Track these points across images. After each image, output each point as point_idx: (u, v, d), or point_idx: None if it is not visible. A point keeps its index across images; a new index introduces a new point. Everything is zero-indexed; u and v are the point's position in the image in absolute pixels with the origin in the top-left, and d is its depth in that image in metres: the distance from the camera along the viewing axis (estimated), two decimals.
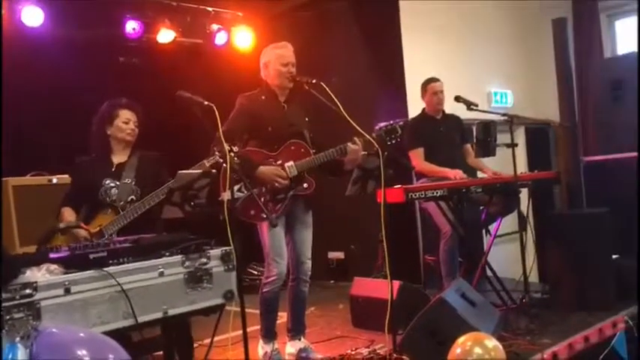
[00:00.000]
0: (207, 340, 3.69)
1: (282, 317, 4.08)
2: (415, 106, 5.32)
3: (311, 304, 4.10)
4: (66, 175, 4.70)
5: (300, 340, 3.95)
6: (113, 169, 3.52)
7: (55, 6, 5.41)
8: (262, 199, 3.53)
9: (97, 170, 3.49)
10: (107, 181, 3.42)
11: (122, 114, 3.56)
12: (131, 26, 5.97)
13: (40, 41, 5.40)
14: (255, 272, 5.96)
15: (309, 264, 3.89)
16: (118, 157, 3.58)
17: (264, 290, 3.78)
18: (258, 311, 3.82)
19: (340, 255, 6.70)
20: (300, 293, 3.90)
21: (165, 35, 6.23)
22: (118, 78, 5.87)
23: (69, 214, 3.42)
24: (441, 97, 4.99)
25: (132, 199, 3.39)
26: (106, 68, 5.92)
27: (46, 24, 5.38)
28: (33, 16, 5.31)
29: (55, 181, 4.62)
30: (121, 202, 3.37)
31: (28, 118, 5.35)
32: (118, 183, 3.43)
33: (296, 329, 3.95)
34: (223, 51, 6.69)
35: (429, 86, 5.01)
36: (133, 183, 3.44)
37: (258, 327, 3.87)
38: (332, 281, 6.61)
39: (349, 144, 3.58)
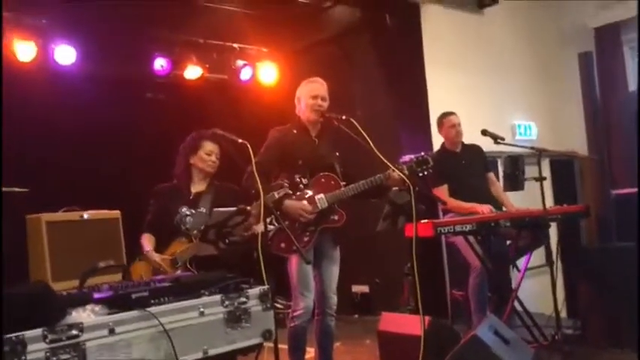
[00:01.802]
0: None
1: (310, 352, 4.06)
2: (439, 139, 5.33)
3: (336, 339, 4.07)
4: (98, 211, 4.77)
5: None
6: (191, 197, 3.65)
7: (86, 45, 5.57)
8: (293, 231, 3.55)
9: (175, 197, 3.62)
10: (183, 209, 3.52)
11: (206, 145, 3.70)
12: (159, 63, 6.11)
13: (71, 79, 5.55)
14: (280, 306, 5.94)
15: (335, 298, 3.89)
16: (197, 187, 3.72)
17: (291, 325, 3.78)
18: (285, 346, 3.81)
19: (365, 289, 6.66)
20: (326, 328, 3.89)
21: (193, 72, 6.37)
22: (145, 114, 6.00)
23: (147, 240, 3.56)
24: (459, 129, 4.98)
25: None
26: (135, 104, 6.05)
27: (78, 62, 5.53)
28: (66, 55, 5.46)
29: (86, 216, 4.64)
30: (195, 231, 3.43)
31: (59, 154, 5.45)
32: (193, 212, 3.52)
33: None
34: (248, 86, 6.81)
35: (446, 120, 5.00)
36: (208, 212, 3.51)
37: None
38: (356, 315, 6.56)
39: (390, 171, 3.59)
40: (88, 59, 5.59)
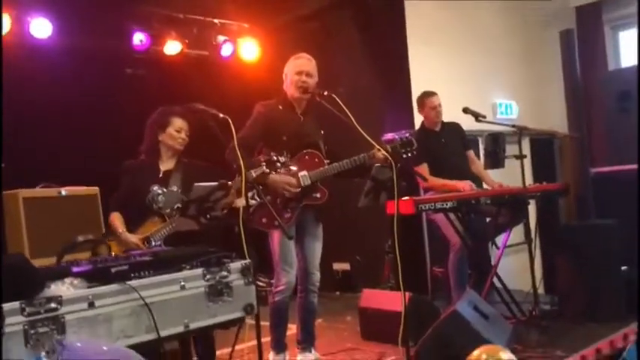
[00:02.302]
0: (219, 352, 3.73)
1: (292, 329, 4.07)
2: (421, 118, 5.33)
3: (318, 315, 4.10)
4: (75, 187, 4.70)
5: (310, 352, 3.95)
6: (160, 176, 3.55)
7: (63, 18, 5.44)
8: (275, 207, 3.54)
9: (145, 175, 3.52)
10: (155, 188, 3.42)
11: (175, 122, 3.60)
12: (138, 38, 6.01)
13: (47, 53, 5.42)
14: (262, 283, 5.94)
15: (317, 275, 3.92)
16: (166, 164, 3.63)
17: (273, 300, 3.79)
18: (267, 323, 3.82)
19: (346, 266, 6.69)
20: (309, 304, 3.91)
21: (172, 47, 6.27)
22: (124, 89, 5.90)
23: (119, 221, 3.46)
24: (439, 110, 4.98)
25: (178, 206, 3.40)
26: (113, 80, 5.94)
27: (54, 36, 5.40)
28: (41, 28, 5.33)
29: (64, 193, 4.58)
30: (168, 210, 3.38)
31: (35, 129, 5.35)
32: (164, 190, 3.44)
33: (306, 341, 3.96)
34: (229, 62, 6.73)
35: (427, 100, 4.99)
36: (180, 191, 3.45)
37: (269, 339, 3.86)
38: (337, 292, 6.60)
39: (374, 151, 3.58)
40: (64, 33, 5.46)
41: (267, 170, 3.33)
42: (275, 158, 3.32)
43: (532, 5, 7.36)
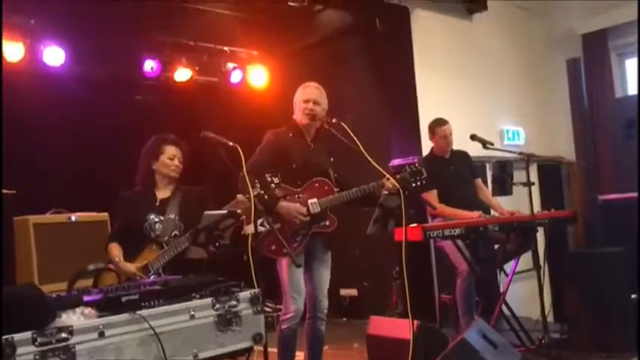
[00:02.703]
0: None
1: (299, 356, 4.05)
2: (428, 143, 5.35)
3: (325, 342, 4.07)
4: (85, 213, 4.75)
5: None
6: (157, 204, 3.54)
7: (75, 46, 5.53)
8: (284, 234, 3.55)
9: (141, 205, 3.52)
10: (151, 216, 3.44)
11: (168, 150, 3.59)
12: (149, 65, 6.08)
13: (60, 80, 5.51)
14: (269, 309, 5.93)
15: (325, 302, 3.89)
16: (162, 193, 3.61)
17: (282, 327, 3.76)
18: (274, 349, 3.80)
19: (353, 292, 6.66)
20: (316, 332, 3.89)
21: (183, 74, 6.35)
22: (135, 116, 5.97)
23: (117, 251, 3.43)
24: (450, 139, 4.99)
25: (175, 234, 3.41)
26: (124, 106, 6.02)
27: (67, 63, 5.49)
28: (54, 56, 5.42)
29: (73, 219, 4.64)
30: (165, 238, 3.39)
31: (46, 155, 5.42)
32: (162, 218, 3.45)
33: None
34: (238, 89, 6.80)
35: (438, 129, 5.01)
36: (177, 218, 3.46)
37: None
38: (344, 319, 6.55)
39: (384, 181, 3.59)
40: (77, 60, 5.55)
41: (262, 192, 3.29)
42: (270, 179, 3.31)
43: (538, 32, 7.43)
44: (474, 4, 6.65)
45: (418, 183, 3.66)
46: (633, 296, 4.57)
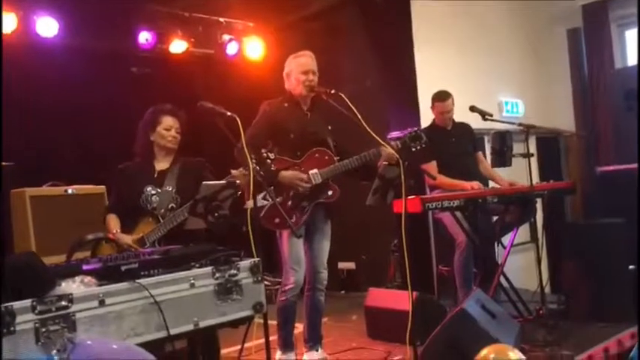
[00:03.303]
0: (227, 350, 3.74)
1: (299, 328, 4.07)
2: (427, 115, 5.33)
3: (324, 314, 4.10)
4: (82, 186, 4.72)
5: (317, 350, 3.95)
6: (155, 176, 3.50)
7: (69, 17, 5.44)
8: (286, 207, 3.54)
9: (139, 177, 3.48)
10: (148, 189, 3.41)
11: (164, 120, 3.53)
12: (144, 37, 6.01)
13: (53, 52, 5.43)
14: (268, 282, 5.95)
15: (325, 273, 3.91)
16: (161, 164, 3.56)
17: (281, 299, 3.79)
18: (274, 322, 3.81)
19: (351, 265, 6.68)
20: (316, 303, 3.91)
21: (178, 46, 6.28)
22: (130, 88, 5.91)
23: (114, 223, 3.40)
24: (450, 115, 4.97)
25: (172, 206, 3.38)
26: (119, 78, 5.95)
27: (61, 34, 5.41)
28: (47, 27, 5.34)
29: (70, 191, 4.62)
30: (162, 210, 3.36)
31: (41, 128, 5.37)
32: (159, 190, 3.42)
33: (313, 339, 3.95)
34: (235, 61, 6.73)
35: (439, 104, 4.97)
36: (174, 191, 3.43)
37: (276, 337, 3.86)
38: (343, 291, 6.59)
39: (383, 147, 3.57)
40: (70, 31, 5.46)
41: (257, 167, 3.25)
42: (265, 155, 3.27)
43: (538, 3, 7.34)
44: None
45: (418, 147, 3.65)
46: (631, 267, 4.59)
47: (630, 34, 7.05)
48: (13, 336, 1.88)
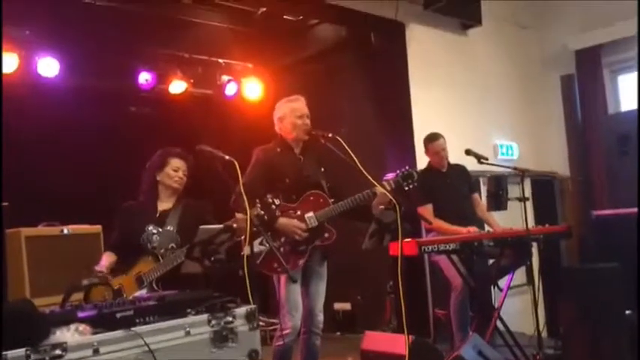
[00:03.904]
0: None
1: None
2: (423, 157, 5.35)
3: (319, 356, 4.05)
4: (78, 226, 4.71)
5: None
6: (157, 216, 3.53)
7: (70, 57, 5.52)
8: (283, 251, 3.54)
9: (141, 216, 3.51)
10: (150, 228, 3.43)
11: (172, 162, 3.59)
12: (144, 77, 6.08)
13: (54, 91, 5.49)
14: (263, 323, 5.88)
15: (321, 316, 3.88)
16: (164, 204, 3.60)
17: (278, 344, 3.74)
18: None
19: (347, 306, 6.63)
20: (312, 347, 3.87)
21: (177, 86, 6.35)
22: (129, 128, 5.96)
23: (106, 260, 3.43)
24: (443, 154, 5.00)
25: (172, 246, 3.39)
26: (118, 118, 6.01)
27: (61, 75, 5.48)
28: (49, 68, 5.41)
29: (66, 231, 4.61)
30: (162, 250, 3.37)
31: (39, 167, 5.38)
32: (160, 230, 3.43)
33: None
34: (233, 102, 6.80)
35: (430, 145, 5.02)
36: (175, 231, 3.45)
37: None
38: (338, 333, 6.53)
39: (376, 188, 3.59)
40: (71, 72, 5.54)
41: (262, 213, 3.28)
42: (270, 200, 3.30)
43: (533, 48, 7.49)
44: (469, 19, 6.69)
45: (410, 186, 3.66)
46: (628, 312, 4.57)
47: (623, 79, 7.17)
48: None
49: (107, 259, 3.44)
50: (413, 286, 5.72)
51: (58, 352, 1.98)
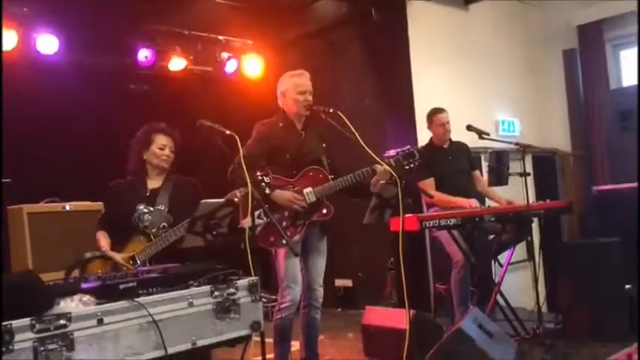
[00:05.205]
0: None
1: (295, 346, 4.05)
2: (424, 133, 5.35)
3: (320, 332, 4.09)
4: (80, 202, 4.73)
5: None
6: (147, 194, 3.50)
7: (69, 34, 5.49)
8: (282, 225, 3.55)
9: (131, 194, 3.48)
10: (141, 207, 3.41)
11: (158, 139, 3.53)
12: (143, 54, 6.05)
13: (53, 68, 5.47)
14: (264, 300, 5.92)
15: (321, 291, 3.90)
16: (153, 183, 3.56)
17: (277, 317, 3.77)
18: (271, 340, 3.80)
19: (348, 282, 6.67)
20: (312, 320, 3.90)
21: (177, 63, 6.32)
22: (129, 105, 5.93)
23: (104, 240, 3.40)
24: (447, 127, 4.99)
25: (164, 225, 3.38)
26: (118, 95, 5.98)
27: (60, 52, 5.45)
28: (48, 45, 5.38)
29: (68, 208, 4.63)
30: (154, 229, 3.36)
31: (40, 145, 5.38)
32: (151, 209, 3.41)
33: (309, 357, 3.93)
34: (233, 79, 6.77)
35: (435, 117, 5.01)
36: (166, 210, 3.43)
37: (272, 355, 3.84)
38: (339, 309, 6.57)
39: (377, 165, 3.59)
40: (70, 49, 5.51)
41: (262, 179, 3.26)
42: (260, 178, 3.28)
43: (535, 23, 7.43)
44: None
45: (412, 165, 3.65)
46: (627, 286, 4.60)
47: (625, 54, 7.13)
48: (12, 354, 1.87)
49: (105, 240, 3.41)
50: (414, 261, 5.74)
51: (62, 321, 1.99)
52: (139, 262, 3.28)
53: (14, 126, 5.05)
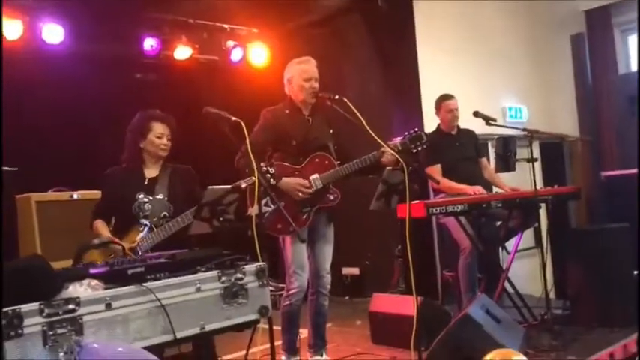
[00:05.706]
0: (232, 355, 3.74)
1: (303, 333, 4.07)
2: (431, 121, 5.33)
3: (328, 319, 4.10)
4: (87, 191, 4.74)
5: (321, 355, 3.95)
6: (146, 183, 3.46)
7: (75, 24, 5.49)
8: (289, 212, 3.55)
9: (129, 183, 3.44)
10: (140, 196, 3.38)
11: (155, 128, 3.48)
12: (149, 43, 6.05)
13: (59, 58, 5.47)
14: (272, 288, 5.93)
15: (328, 277, 3.92)
16: (150, 171, 3.53)
17: (285, 303, 3.79)
18: (278, 327, 3.81)
19: (355, 270, 6.68)
20: (320, 307, 3.91)
21: (182, 52, 6.32)
22: (135, 94, 5.94)
23: (103, 228, 3.39)
24: (455, 114, 4.98)
25: (164, 215, 3.38)
26: (124, 84, 5.98)
27: (66, 41, 5.46)
28: (53, 34, 5.38)
29: (76, 196, 4.63)
30: (155, 219, 3.36)
31: (47, 134, 5.39)
32: (151, 198, 3.39)
33: (317, 344, 3.96)
34: (239, 67, 6.76)
35: (444, 104, 5.00)
36: (166, 199, 3.42)
37: (280, 342, 3.86)
38: (347, 297, 6.59)
39: (382, 149, 3.58)
40: (76, 38, 5.51)
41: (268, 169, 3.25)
42: (265, 169, 3.27)
43: (541, 9, 7.36)
44: None
45: (419, 148, 3.64)
46: (635, 272, 4.58)
47: (633, 39, 7.06)
48: (21, 338, 1.89)
49: (106, 229, 3.40)
50: (421, 248, 5.73)
51: (71, 306, 2.01)
52: (140, 252, 3.26)
53: (21, 116, 5.07)
